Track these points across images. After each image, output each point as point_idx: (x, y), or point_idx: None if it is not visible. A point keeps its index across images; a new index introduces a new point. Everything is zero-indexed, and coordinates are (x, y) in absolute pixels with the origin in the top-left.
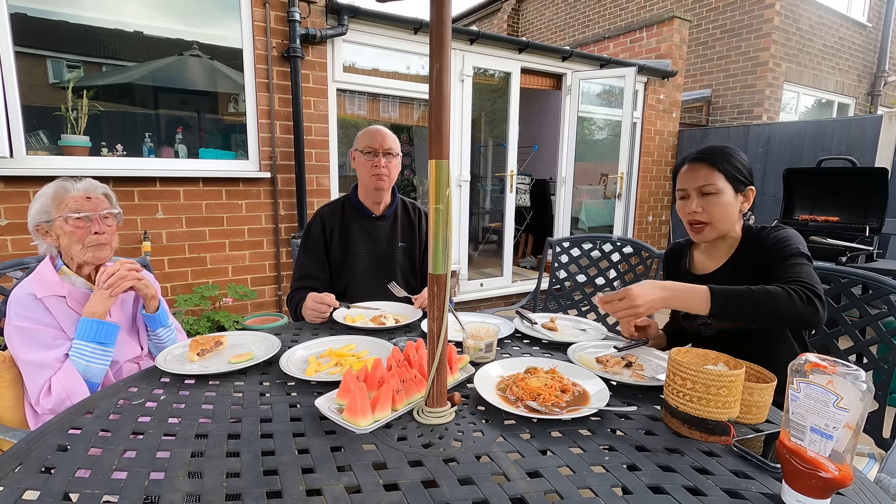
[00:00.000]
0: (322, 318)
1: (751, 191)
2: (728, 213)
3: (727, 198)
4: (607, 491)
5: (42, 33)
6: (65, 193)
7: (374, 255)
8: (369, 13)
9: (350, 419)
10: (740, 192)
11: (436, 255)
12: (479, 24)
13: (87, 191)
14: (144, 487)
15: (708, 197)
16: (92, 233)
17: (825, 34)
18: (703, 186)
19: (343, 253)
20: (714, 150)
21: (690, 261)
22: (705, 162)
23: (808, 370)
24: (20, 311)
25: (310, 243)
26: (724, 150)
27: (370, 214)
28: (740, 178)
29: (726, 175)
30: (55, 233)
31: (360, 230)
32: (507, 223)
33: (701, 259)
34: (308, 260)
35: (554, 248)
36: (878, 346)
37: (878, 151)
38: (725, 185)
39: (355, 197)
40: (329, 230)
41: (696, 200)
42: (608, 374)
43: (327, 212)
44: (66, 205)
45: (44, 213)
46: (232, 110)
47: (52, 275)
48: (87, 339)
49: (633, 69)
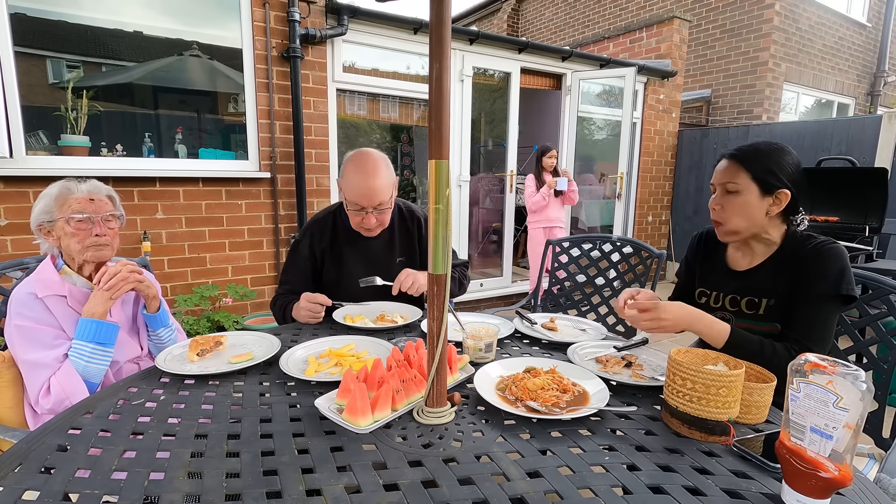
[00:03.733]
0: (316, 318)
1: (784, 194)
2: (745, 213)
3: (746, 198)
4: (607, 491)
5: (42, 33)
6: (68, 195)
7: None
8: (369, 13)
9: (350, 419)
10: (769, 195)
11: (436, 255)
12: (479, 24)
13: (90, 192)
14: (144, 487)
15: (729, 196)
16: (93, 235)
17: (825, 34)
18: (726, 183)
19: (337, 275)
20: (749, 149)
21: (725, 254)
22: (735, 160)
23: (807, 370)
24: (21, 310)
25: (297, 259)
26: (762, 149)
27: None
28: (771, 181)
29: (753, 175)
30: (56, 233)
31: (352, 252)
32: (507, 223)
33: (735, 255)
34: (294, 276)
35: (554, 248)
36: (878, 346)
37: (878, 151)
38: (749, 185)
39: (346, 216)
40: (319, 252)
41: (717, 197)
42: (608, 374)
43: (317, 231)
44: (69, 206)
45: (46, 213)
46: (232, 110)
47: (52, 274)
48: (86, 339)
49: (632, 69)
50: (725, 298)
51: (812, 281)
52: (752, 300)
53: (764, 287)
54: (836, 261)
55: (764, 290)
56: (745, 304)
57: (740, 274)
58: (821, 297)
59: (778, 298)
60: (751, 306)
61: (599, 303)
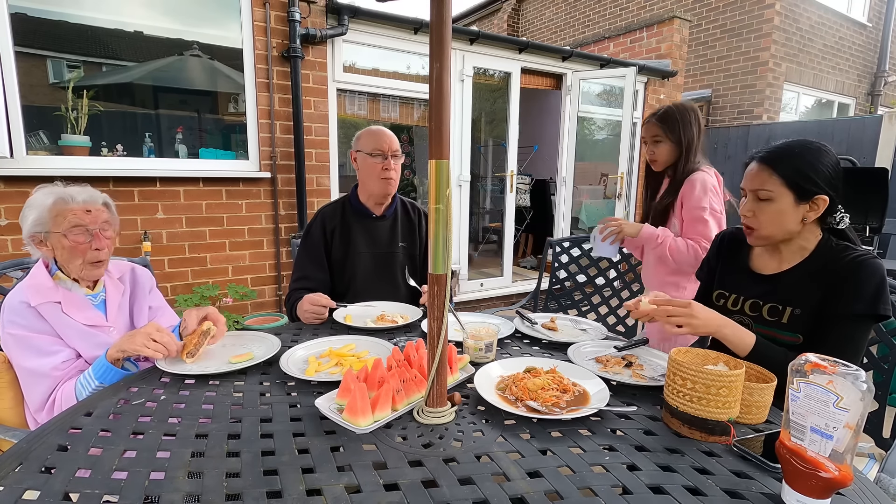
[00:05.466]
0: (320, 318)
1: (822, 200)
2: (780, 221)
3: (781, 206)
4: (607, 491)
5: (42, 33)
6: (64, 206)
7: (375, 255)
8: (369, 13)
9: (350, 419)
10: (805, 201)
11: (436, 255)
12: (479, 24)
13: (86, 203)
14: (144, 487)
15: (761, 203)
16: (93, 249)
17: (825, 34)
18: (757, 190)
19: (344, 253)
20: (781, 151)
21: (749, 256)
22: (766, 163)
23: (808, 370)
24: (13, 318)
25: (309, 244)
26: (796, 150)
27: (371, 215)
28: (806, 186)
29: (787, 180)
30: (51, 244)
31: (361, 230)
32: (507, 223)
33: (761, 257)
34: (307, 261)
35: (554, 248)
36: (878, 346)
37: (878, 151)
38: (783, 192)
39: (356, 198)
40: (330, 230)
41: (749, 203)
42: (608, 374)
43: (328, 212)
44: (66, 219)
45: (40, 224)
46: (232, 110)
47: (46, 279)
48: (97, 377)
49: (633, 69)
50: (746, 302)
51: (848, 298)
52: (775, 307)
53: (790, 295)
54: (874, 277)
55: (790, 299)
56: (767, 310)
57: (765, 278)
58: (856, 317)
59: (805, 309)
60: (773, 313)
61: (599, 303)
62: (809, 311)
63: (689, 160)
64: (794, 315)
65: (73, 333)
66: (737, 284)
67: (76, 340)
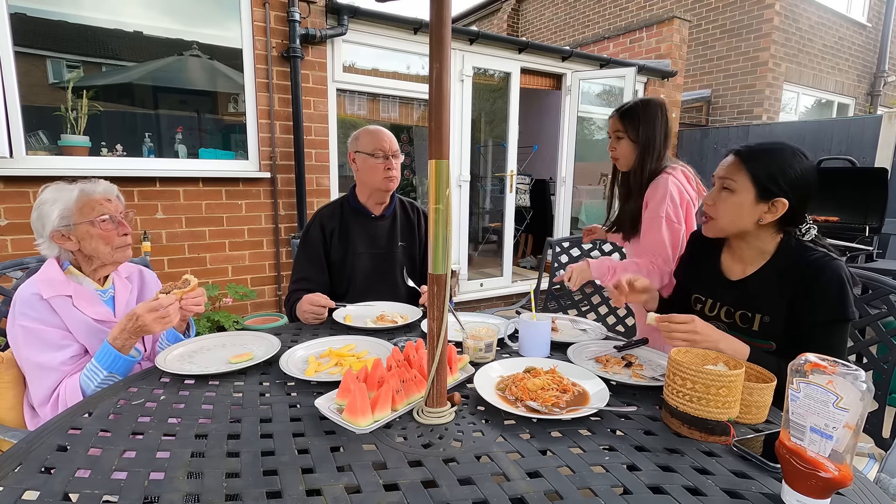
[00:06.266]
0: (319, 319)
1: (780, 203)
2: (736, 214)
3: (741, 199)
4: (607, 491)
5: (42, 33)
6: (88, 198)
7: (375, 255)
8: (369, 13)
9: (350, 419)
10: (765, 202)
11: (436, 255)
12: (479, 24)
13: (106, 193)
14: (144, 487)
15: (723, 192)
16: (120, 234)
17: (825, 34)
18: (724, 179)
19: (343, 253)
20: (757, 149)
21: (718, 259)
22: (739, 157)
23: (808, 370)
24: (25, 310)
25: (308, 245)
26: (770, 151)
27: (370, 215)
28: (769, 186)
29: (752, 176)
30: (76, 237)
31: (359, 230)
32: (506, 223)
33: (728, 262)
34: (306, 262)
35: (554, 248)
36: (878, 346)
37: (878, 151)
38: (746, 186)
39: (354, 198)
40: (329, 231)
41: (713, 192)
42: (608, 374)
43: (326, 213)
44: (93, 209)
45: (66, 218)
46: (232, 110)
47: (58, 274)
48: (103, 365)
49: (632, 69)
50: (721, 309)
51: (813, 305)
52: (745, 314)
53: (759, 302)
54: (833, 281)
55: (759, 306)
56: (738, 317)
57: (734, 284)
58: (834, 321)
59: (773, 317)
60: (744, 320)
61: (599, 303)
62: (778, 318)
63: (651, 159)
64: (764, 322)
65: (82, 328)
66: (712, 290)
67: (84, 335)
